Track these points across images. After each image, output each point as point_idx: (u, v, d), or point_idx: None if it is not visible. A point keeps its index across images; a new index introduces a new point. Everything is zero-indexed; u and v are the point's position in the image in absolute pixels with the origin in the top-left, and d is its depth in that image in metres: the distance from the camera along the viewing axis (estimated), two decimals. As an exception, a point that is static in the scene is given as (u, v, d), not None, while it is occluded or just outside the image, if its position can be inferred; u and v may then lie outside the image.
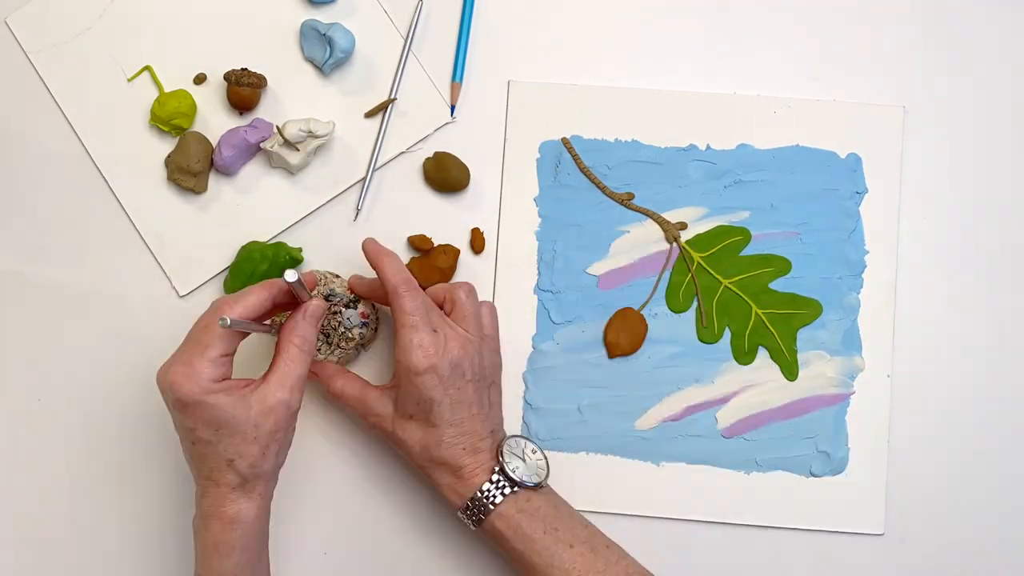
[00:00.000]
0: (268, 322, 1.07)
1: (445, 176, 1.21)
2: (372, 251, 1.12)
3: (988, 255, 1.21)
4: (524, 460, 1.11)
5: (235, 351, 1.05)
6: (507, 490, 1.08)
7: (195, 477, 1.05)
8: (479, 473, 1.09)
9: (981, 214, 1.21)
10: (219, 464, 1.02)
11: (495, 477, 1.08)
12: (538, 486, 1.10)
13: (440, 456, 1.09)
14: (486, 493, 1.08)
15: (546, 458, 1.13)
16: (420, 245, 1.20)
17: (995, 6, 1.23)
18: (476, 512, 1.08)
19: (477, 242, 1.21)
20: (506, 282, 1.21)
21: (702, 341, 1.20)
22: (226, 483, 1.03)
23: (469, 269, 1.22)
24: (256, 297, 1.04)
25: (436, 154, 1.21)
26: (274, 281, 1.07)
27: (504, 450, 1.10)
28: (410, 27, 1.23)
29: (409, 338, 1.07)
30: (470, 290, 1.14)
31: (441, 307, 1.14)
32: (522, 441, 1.13)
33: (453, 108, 1.23)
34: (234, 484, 1.03)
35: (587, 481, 1.19)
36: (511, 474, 1.08)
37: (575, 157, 1.21)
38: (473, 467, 1.09)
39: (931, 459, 1.19)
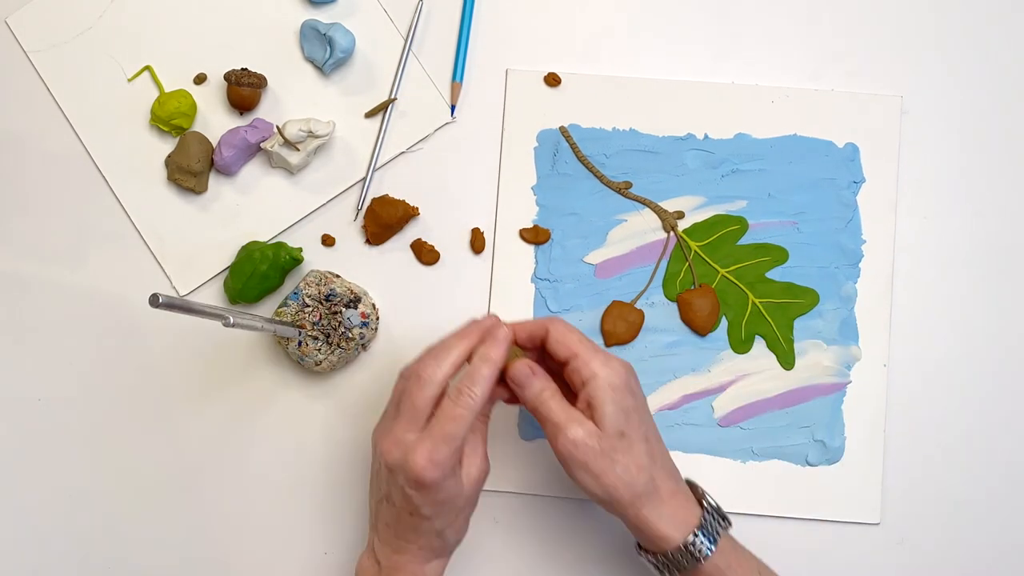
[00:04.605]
0: (260, 325, 1.07)
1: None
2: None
3: (985, 245, 1.21)
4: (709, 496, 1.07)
5: None
6: (720, 528, 1.05)
7: (391, 535, 1.06)
8: (688, 511, 1.05)
9: (978, 204, 1.21)
10: (429, 534, 1.04)
11: (706, 512, 1.05)
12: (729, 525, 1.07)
13: (658, 481, 1.04)
14: (704, 534, 1.04)
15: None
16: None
17: (993, -3, 1.25)
18: (683, 559, 1.04)
19: (477, 242, 1.22)
20: (504, 271, 1.21)
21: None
22: (429, 547, 1.05)
23: (469, 269, 1.22)
24: (486, 385, 1.02)
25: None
26: (473, 331, 1.05)
27: (695, 485, 1.08)
28: (410, 27, 1.24)
29: (592, 357, 1.04)
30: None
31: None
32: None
33: (453, 108, 1.23)
34: (436, 548, 1.06)
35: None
36: (713, 504, 1.06)
37: (573, 146, 1.21)
38: (682, 501, 1.05)
39: (927, 448, 1.19)
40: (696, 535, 1.03)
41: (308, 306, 1.16)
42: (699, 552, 1.03)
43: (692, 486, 1.08)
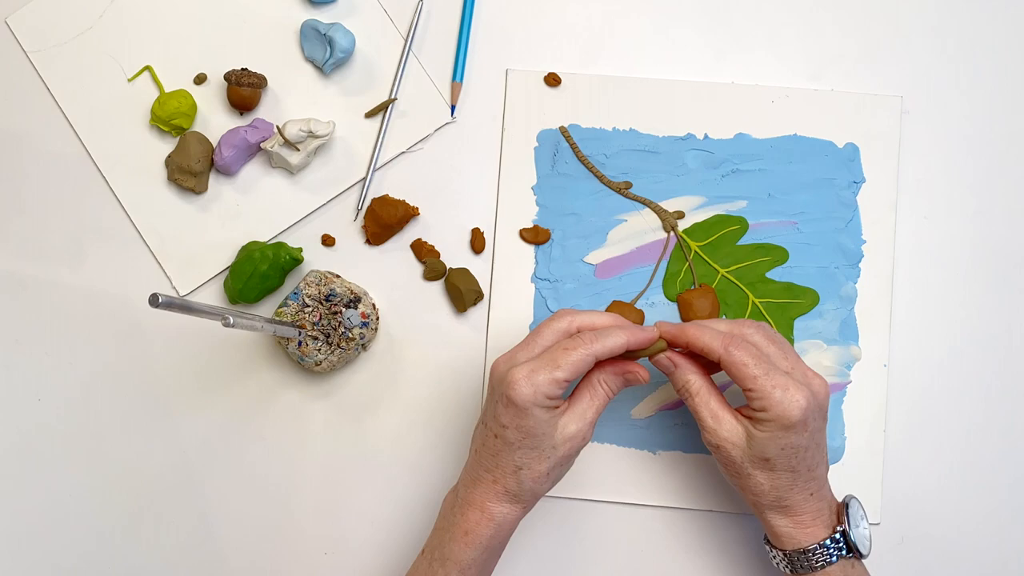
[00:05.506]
0: (260, 325, 1.07)
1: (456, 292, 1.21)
2: (673, 331, 1.07)
3: (985, 245, 1.21)
4: (858, 526, 1.06)
5: (577, 381, 1.07)
6: (842, 552, 1.04)
7: (474, 463, 1.07)
8: (817, 525, 1.04)
9: (978, 204, 1.21)
10: (508, 466, 1.04)
11: (836, 536, 1.04)
12: (863, 556, 1.05)
13: (788, 500, 1.04)
14: (823, 551, 1.04)
15: (870, 529, 1.07)
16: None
17: (992, -3, 1.25)
18: (801, 563, 1.05)
19: (477, 242, 1.21)
20: (504, 271, 1.21)
21: (699, 330, 1.20)
22: (503, 484, 1.05)
23: (469, 269, 1.22)
24: (616, 342, 1.03)
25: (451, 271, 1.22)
26: (633, 331, 1.05)
27: (850, 511, 1.05)
28: (410, 27, 1.24)
29: (771, 388, 1.01)
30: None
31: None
32: (859, 505, 1.07)
33: (453, 108, 1.23)
34: (510, 489, 1.05)
35: (584, 469, 1.19)
36: (853, 540, 1.04)
37: (573, 146, 1.21)
38: (813, 515, 1.05)
39: (927, 448, 1.19)
40: (804, 553, 1.04)
41: (308, 306, 1.16)
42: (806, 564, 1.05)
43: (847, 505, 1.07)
